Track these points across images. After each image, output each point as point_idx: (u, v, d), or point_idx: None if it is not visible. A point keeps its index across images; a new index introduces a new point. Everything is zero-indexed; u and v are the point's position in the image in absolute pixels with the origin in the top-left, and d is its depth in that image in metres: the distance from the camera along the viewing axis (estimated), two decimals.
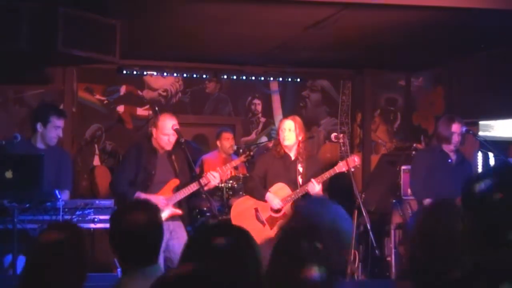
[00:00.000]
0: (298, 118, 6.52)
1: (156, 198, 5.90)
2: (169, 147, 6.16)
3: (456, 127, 6.76)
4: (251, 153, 6.85)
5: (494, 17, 6.53)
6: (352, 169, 6.18)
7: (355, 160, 6.24)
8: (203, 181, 6.06)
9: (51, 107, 6.33)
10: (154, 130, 6.20)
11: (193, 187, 6.09)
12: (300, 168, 6.38)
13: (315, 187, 6.15)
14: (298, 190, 6.24)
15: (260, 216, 6.36)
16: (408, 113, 10.49)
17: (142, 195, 5.94)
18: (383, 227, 8.07)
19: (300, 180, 6.35)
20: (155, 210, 3.19)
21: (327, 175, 6.24)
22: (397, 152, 9.20)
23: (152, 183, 6.12)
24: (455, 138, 6.76)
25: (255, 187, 6.47)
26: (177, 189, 6.15)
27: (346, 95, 10.78)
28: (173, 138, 6.13)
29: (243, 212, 6.49)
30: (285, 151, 6.44)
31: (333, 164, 6.55)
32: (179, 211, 6.13)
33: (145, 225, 3.03)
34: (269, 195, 6.34)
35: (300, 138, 6.43)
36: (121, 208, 3.33)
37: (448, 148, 6.84)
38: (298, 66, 10.06)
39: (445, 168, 6.78)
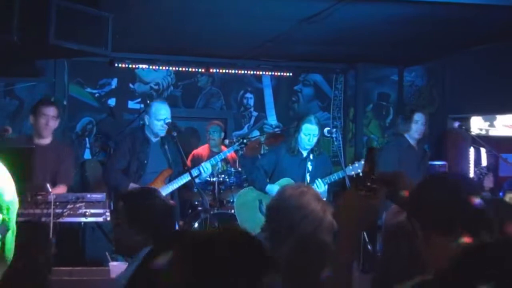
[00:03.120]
0: (319, 121, 6.59)
1: None
2: (162, 133, 6.16)
3: (418, 116, 6.98)
4: (244, 140, 6.81)
5: (488, 12, 6.53)
6: (361, 174, 6.15)
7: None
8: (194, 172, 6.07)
9: (41, 99, 6.36)
10: (146, 118, 6.21)
11: (184, 179, 6.11)
12: (309, 166, 6.42)
13: (321, 187, 6.17)
14: None
15: (263, 208, 6.35)
16: (400, 108, 10.48)
17: (136, 186, 5.88)
18: (376, 225, 8.09)
19: (308, 178, 6.40)
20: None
21: (335, 177, 6.29)
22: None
23: (144, 173, 6.13)
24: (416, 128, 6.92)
25: (258, 180, 6.52)
26: (170, 179, 6.17)
27: (339, 89, 10.80)
28: (167, 123, 6.14)
29: (247, 203, 6.54)
30: (300, 150, 6.52)
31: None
32: (172, 202, 6.07)
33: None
34: (269, 187, 6.36)
35: None
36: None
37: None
38: (291, 60, 10.06)
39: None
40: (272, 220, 3.21)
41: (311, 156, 6.50)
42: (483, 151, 7.96)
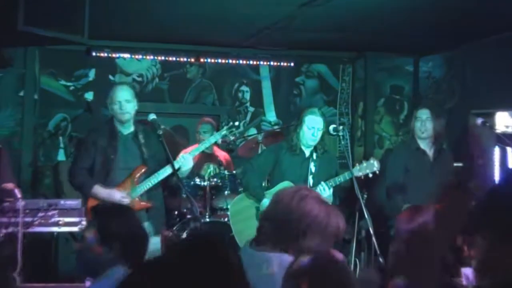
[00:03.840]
0: (323, 113, 6.57)
1: (109, 194, 5.91)
2: (124, 118, 6.07)
3: (420, 113, 6.92)
4: (236, 123, 6.57)
5: None
6: (370, 175, 6.22)
7: (375, 164, 6.24)
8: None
9: None
10: (109, 106, 6.17)
11: (162, 174, 6.02)
12: (312, 167, 6.40)
13: (325, 191, 6.15)
14: None
15: None
16: (416, 102, 10.42)
17: (100, 189, 5.94)
18: (387, 232, 8.08)
19: (310, 181, 6.36)
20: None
21: (341, 179, 6.24)
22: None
23: (113, 169, 6.08)
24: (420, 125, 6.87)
25: (252, 183, 6.46)
26: (146, 177, 6.09)
27: (346, 81, 10.79)
28: (127, 106, 6.06)
29: (243, 211, 6.48)
30: (301, 148, 6.46)
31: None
32: (146, 204, 6.08)
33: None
34: (265, 202, 6.23)
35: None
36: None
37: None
38: (292, 48, 10.04)
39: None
40: (268, 234, 3.11)
41: (314, 156, 6.45)
42: (510, 150, 7.94)
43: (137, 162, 6.12)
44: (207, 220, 7.28)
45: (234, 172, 7.87)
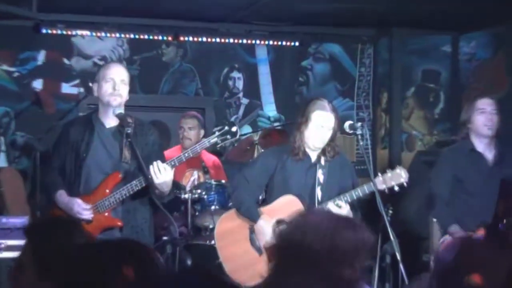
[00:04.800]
0: (335, 107, 6.48)
1: (67, 205, 5.93)
2: (115, 101, 5.98)
3: (483, 103, 6.83)
4: (233, 129, 6.31)
5: None
6: (397, 188, 6.16)
7: (402, 174, 6.18)
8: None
9: None
10: (95, 86, 6.11)
11: (134, 186, 5.92)
12: (320, 175, 6.34)
13: (342, 208, 6.07)
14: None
15: (256, 240, 6.30)
16: (456, 92, 10.56)
17: (62, 197, 5.96)
18: (418, 257, 8.10)
19: (319, 193, 6.30)
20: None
21: (359, 192, 6.16)
22: (440, 149, 8.88)
23: (84, 171, 6.04)
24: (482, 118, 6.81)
25: (245, 202, 6.39)
26: (122, 185, 5.98)
27: (366, 66, 10.84)
28: (121, 87, 6.00)
29: (232, 232, 6.43)
30: (306, 151, 6.41)
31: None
32: (117, 221, 6.03)
33: None
34: (261, 224, 6.23)
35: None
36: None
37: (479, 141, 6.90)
38: (297, 23, 10.10)
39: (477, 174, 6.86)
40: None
41: (322, 161, 6.38)
42: None
43: (115, 167, 6.05)
44: (189, 242, 7.26)
45: (223, 181, 7.86)
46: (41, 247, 3.22)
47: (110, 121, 6.06)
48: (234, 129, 5.99)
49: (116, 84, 5.98)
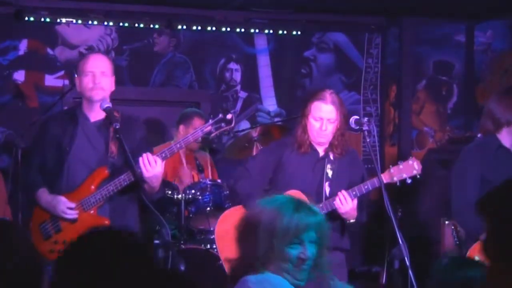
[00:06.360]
0: (339, 98, 6.45)
1: (49, 203, 5.97)
2: (96, 96, 6.02)
3: None
4: (228, 116, 6.33)
5: None
6: (409, 180, 6.17)
7: (414, 166, 6.17)
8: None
9: None
10: (76, 81, 6.17)
11: (121, 181, 5.96)
12: (329, 170, 6.32)
13: (347, 203, 6.05)
14: (321, 205, 6.11)
15: None
16: (470, 85, 10.61)
17: (43, 195, 6.02)
18: (429, 262, 7.97)
19: (327, 189, 6.30)
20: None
21: (368, 186, 6.17)
22: (452, 147, 9.12)
23: (67, 167, 6.08)
24: None
25: (247, 194, 6.30)
26: (109, 181, 6.03)
27: (374, 57, 10.81)
28: (101, 80, 6.03)
29: (233, 231, 6.32)
30: (313, 145, 6.39)
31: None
32: (103, 220, 6.04)
33: None
34: None
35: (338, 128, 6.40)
36: None
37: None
38: (299, 11, 10.07)
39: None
40: None
41: (331, 155, 6.37)
42: None
43: (100, 162, 6.11)
44: (182, 247, 7.27)
45: (219, 181, 7.90)
46: None
47: (95, 115, 6.16)
48: (229, 116, 6.11)
49: (96, 77, 6.06)
